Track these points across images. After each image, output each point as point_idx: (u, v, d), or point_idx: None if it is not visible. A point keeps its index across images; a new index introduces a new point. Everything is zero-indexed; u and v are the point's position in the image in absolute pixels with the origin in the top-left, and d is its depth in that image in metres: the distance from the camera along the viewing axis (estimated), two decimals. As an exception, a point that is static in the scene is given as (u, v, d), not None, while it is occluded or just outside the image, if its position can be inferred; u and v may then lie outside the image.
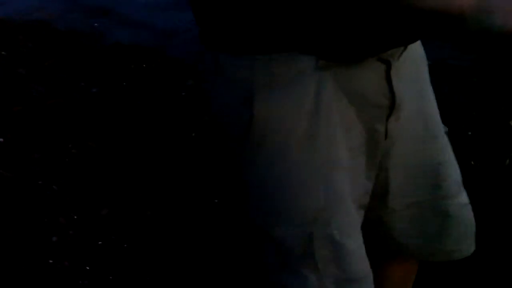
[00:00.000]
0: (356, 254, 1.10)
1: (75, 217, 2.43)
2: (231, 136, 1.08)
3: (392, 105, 1.10)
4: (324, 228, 1.06)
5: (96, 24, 4.43)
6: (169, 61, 3.92)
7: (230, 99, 1.04)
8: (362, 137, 1.09)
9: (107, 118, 3.20)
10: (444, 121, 1.26)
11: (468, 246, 1.28)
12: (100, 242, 2.29)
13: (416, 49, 1.17)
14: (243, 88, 1.02)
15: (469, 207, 1.27)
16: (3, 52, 3.97)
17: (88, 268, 2.18)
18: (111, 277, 2.14)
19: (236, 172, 1.11)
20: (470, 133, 2.75)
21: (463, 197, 1.27)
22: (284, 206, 1.06)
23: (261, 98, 1.01)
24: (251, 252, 1.16)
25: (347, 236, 1.08)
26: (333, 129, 1.05)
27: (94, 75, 3.73)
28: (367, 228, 1.14)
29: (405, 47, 1.09)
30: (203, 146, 2.87)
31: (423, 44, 1.21)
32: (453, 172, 1.26)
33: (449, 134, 1.27)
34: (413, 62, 1.15)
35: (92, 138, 3.00)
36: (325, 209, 1.06)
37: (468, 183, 2.33)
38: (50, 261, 2.18)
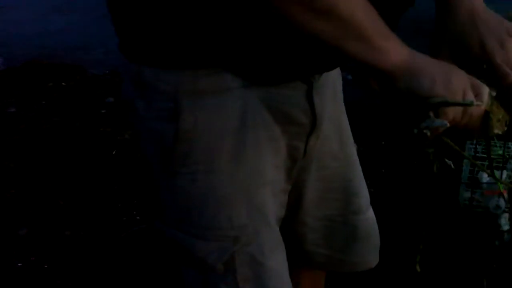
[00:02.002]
0: (277, 272, 1.10)
1: (-7, 238, 2.39)
2: (156, 150, 1.06)
3: (313, 124, 1.11)
4: (246, 246, 1.06)
5: (10, 42, 4.36)
6: (88, 78, 3.89)
7: (154, 113, 1.02)
8: (283, 153, 1.10)
9: (26, 137, 3.15)
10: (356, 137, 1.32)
11: (373, 258, 1.35)
12: (19, 264, 2.26)
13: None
14: (168, 102, 1.00)
15: (375, 222, 1.34)
16: None
17: (6, 290, 2.15)
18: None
19: (160, 187, 1.10)
20: (383, 142, 2.88)
21: (371, 213, 1.33)
22: (207, 221, 1.05)
23: (186, 112, 1.00)
24: (173, 270, 1.14)
25: (269, 254, 1.08)
26: (258, 145, 1.05)
27: (11, 95, 3.67)
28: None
29: None
30: (123, 164, 2.88)
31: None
32: (363, 189, 1.31)
33: (358, 151, 1.33)
34: (331, 81, 1.18)
35: (10, 158, 2.95)
36: (248, 226, 1.06)
37: (379, 188, 2.43)
38: (-33, 284, 2.14)
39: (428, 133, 0.92)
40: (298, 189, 1.19)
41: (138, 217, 2.51)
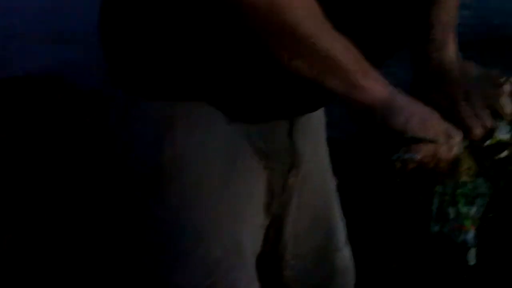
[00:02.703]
0: None
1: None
2: (139, 178, 1.11)
3: (293, 161, 1.19)
4: (221, 280, 1.11)
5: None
6: (67, 96, 3.90)
7: (139, 141, 1.08)
8: (264, 189, 1.16)
9: (1, 153, 3.14)
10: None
11: None
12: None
13: None
14: (154, 132, 1.06)
15: (351, 258, 1.40)
16: None
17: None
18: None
19: (140, 215, 1.14)
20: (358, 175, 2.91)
21: (348, 249, 1.40)
22: (184, 253, 1.10)
23: (170, 143, 1.06)
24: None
25: None
26: (240, 180, 1.11)
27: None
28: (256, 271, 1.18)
29: None
30: (100, 183, 2.87)
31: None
32: (341, 225, 1.37)
33: (338, 187, 1.35)
34: (314, 119, 1.25)
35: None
36: (224, 260, 1.11)
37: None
38: None
39: (398, 165, 0.95)
40: (278, 225, 1.25)
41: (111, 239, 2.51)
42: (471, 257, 2.33)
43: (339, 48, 0.95)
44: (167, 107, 1.05)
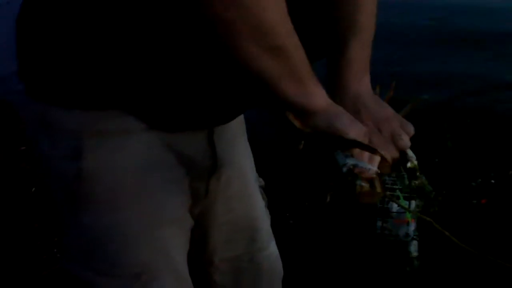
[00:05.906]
0: None
1: None
2: (60, 188, 1.07)
3: (214, 166, 1.16)
4: (148, 284, 1.07)
5: None
6: (5, 113, 3.83)
7: (58, 152, 1.03)
8: (187, 193, 1.13)
9: None
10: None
11: None
12: None
13: None
14: (72, 141, 1.01)
15: (278, 256, 1.39)
16: None
17: None
18: None
19: (65, 225, 1.10)
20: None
21: (273, 247, 1.38)
22: (111, 258, 1.07)
23: (89, 152, 1.01)
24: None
25: None
26: (162, 185, 1.08)
27: None
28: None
29: None
30: (43, 201, 2.84)
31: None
32: (265, 224, 1.37)
33: (264, 187, 1.39)
34: (234, 124, 1.22)
35: None
36: (151, 263, 1.08)
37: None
38: None
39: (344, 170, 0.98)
40: (203, 231, 1.23)
41: (59, 255, 2.49)
42: (413, 249, 2.43)
43: (301, 50, 0.92)
44: (79, 117, 1.01)
